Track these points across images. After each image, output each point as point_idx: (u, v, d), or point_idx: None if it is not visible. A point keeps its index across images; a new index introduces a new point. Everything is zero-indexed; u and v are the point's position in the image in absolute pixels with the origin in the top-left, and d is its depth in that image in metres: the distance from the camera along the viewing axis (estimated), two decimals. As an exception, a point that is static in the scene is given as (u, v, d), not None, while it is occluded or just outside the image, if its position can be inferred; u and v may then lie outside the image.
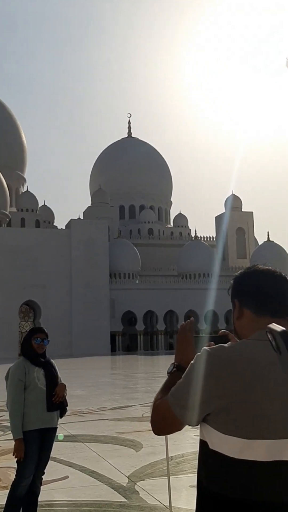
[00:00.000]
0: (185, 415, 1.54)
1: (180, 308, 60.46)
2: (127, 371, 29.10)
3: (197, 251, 65.27)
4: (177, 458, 6.81)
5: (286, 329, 1.54)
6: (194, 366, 1.55)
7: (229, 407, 1.47)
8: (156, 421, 1.64)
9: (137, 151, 79.07)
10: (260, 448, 1.45)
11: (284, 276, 1.70)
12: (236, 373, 1.48)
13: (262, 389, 1.46)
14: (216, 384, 1.49)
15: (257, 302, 1.63)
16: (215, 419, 1.51)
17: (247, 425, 1.46)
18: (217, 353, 1.52)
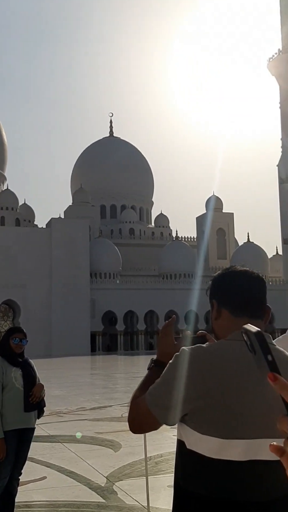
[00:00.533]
0: (163, 414, 1.55)
1: (161, 308, 60.56)
2: (107, 371, 29.05)
3: (178, 251, 65.45)
4: (156, 458, 6.82)
5: (261, 329, 1.56)
6: (172, 366, 1.56)
7: (207, 407, 1.48)
8: (134, 419, 1.64)
9: (118, 150, 78.95)
10: (237, 448, 1.46)
11: (261, 277, 1.71)
12: (213, 373, 1.48)
13: (239, 389, 1.47)
14: (193, 384, 1.49)
15: (235, 303, 1.64)
16: (192, 418, 1.52)
17: (224, 425, 1.46)
18: (194, 353, 1.53)
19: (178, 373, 1.52)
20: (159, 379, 1.58)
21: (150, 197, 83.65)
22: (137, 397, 1.65)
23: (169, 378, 1.54)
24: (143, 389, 1.66)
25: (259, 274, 1.73)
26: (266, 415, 1.43)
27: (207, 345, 1.58)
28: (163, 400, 1.53)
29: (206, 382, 1.48)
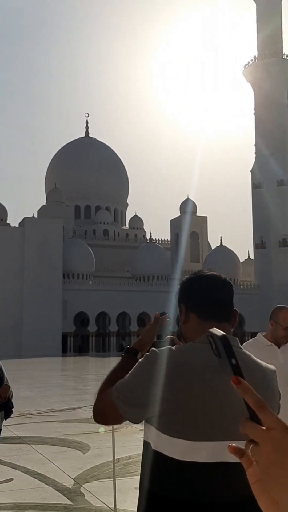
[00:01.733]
0: (127, 411, 1.57)
1: (133, 310, 60.57)
2: (78, 373, 28.88)
3: (152, 253, 65.60)
4: (124, 460, 6.82)
5: (227, 333, 1.60)
6: (141, 365, 1.58)
7: (173, 408, 1.50)
8: (98, 410, 1.66)
9: (94, 151, 78.70)
10: (202, 449, 1.48)
11: (228, 282, 1.75)
12: (180, 375, 1.50)
13: (205, 392, 1.49)
14: (160, 385, 1.51)
15: (202, 306, 1.67)
16: (158, 420, 1.53)
17: (190, 427, 1.48)
18: (164, 354, 1.55)
19: (146, 373, 1.55)
20: (127, 376, 1.60)
21: (125, 199, 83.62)
22: (103, 390, 1.66)
23: (137, 376, 1.57)
24: (111, 379, 1.69)
25: (226, 278, 1.77)
26: (232, 418, 1.45)
27: (176, 347, 1.60)
28: (128, 397, 1.56)
29: (173, 384, 1.50)
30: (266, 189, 61.83)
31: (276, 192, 61.32)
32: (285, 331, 3.78)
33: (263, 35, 64.29)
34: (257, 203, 63.60)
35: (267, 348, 3.85)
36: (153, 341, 1.87)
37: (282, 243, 61.78)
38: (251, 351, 3.97)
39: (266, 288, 61.57)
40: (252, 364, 1.61)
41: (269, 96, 62.37)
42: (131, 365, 1.69)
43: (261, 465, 0.62)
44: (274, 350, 3.84)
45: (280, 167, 61.24)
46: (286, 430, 0.63)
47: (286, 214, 60.82)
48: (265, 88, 62.79)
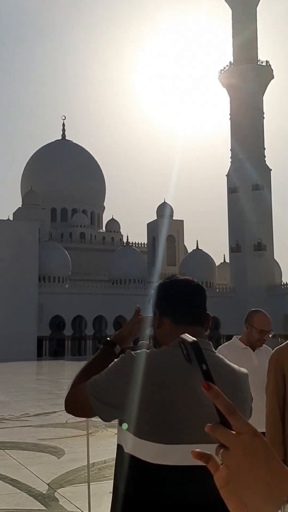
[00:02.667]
0: (99, 408, 1.58)
1: (110, 314, 60.41)
2: (53, 377, 28.64)
3: (129, 257, 65.58)
4: (99, 464, 6.79)
5: (201, 337, 1.62)
6: (116, 366, 1.59)
7: (146, 411, 1.50)
8: (70, 401, 1.67)
9: (71, 154, 78.40)
10: (175, 453, 1.49)
11: (201, 286, 1.76)
12: (154, 379, 1.51)
13: (178, 396, 1.50)
14: (133, 388, 1.52)
15: (176, 311, 1.68)
16: (131, 422, 1.54)
17: (163, 430, 1.49)
18: (138, 357, 1.56)
19: (120, 374, 1.55)
20: (102, 374, 1.60)
21: (101, 202, 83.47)
22: (78, 383, 1.67)
23: (111, 376, 1.57)
24: (87, 371, 1.71)
25: (200, 282, 1.79)
26: (204, 421, 1.45)
27: (151, 351, 1.61)
28: (102, 395, 1.56)
29: (147, 387, 1.51)
30: (242, 194, 62.46)
31: (252, 197, 62.01)
32: (259, 334, 3.83)
33: (239, 41, 65.04)
34: (232, 207, 64.20)
35: (242, 351, 3.89)
36: (132, 336, 1.87)
37: (257, 247, 62.45)
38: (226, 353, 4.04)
39: (241, 291, 62.13)
40: (224, 367, 1.63)
41: (245, 102, 63.10)
42: (108, 358, 1.71)
43: (230, 469, 0.63)
44: (248, 353, 3.88)
45: (256, 171, 61.97)
46: (255, 435, 0.63)
47: (261, 218, 61.54)
48: (240, 93, 63.50)
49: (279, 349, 3.08)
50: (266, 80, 65.39)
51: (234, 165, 64.26)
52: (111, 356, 1.77)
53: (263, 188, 62.57)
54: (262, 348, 3.92)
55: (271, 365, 3.03)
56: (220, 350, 4.07)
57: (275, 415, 2.94)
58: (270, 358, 3.09)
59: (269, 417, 2.96)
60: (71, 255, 64.69)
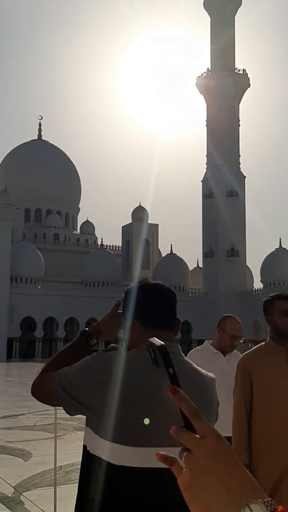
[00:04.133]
0: (64, 400, 1.58)
1: (82, 316, 60.07)
2: (22, 379, 28.30)
3: (102, 259, 65.41)
4: (67, 467, 6.74)
5: (170, 341, 1.63)
6: (87, 364, 1.59)
7: (111, 413, 1.50)
8: (37, 385, 1.68)
9: (46, 154, 77.86)
10: (140, 455, 1.49)
11: (172, 290, 1.77)
12: (121, 381, 1.52)
13: (144, 398, 1.50)
14: (100, 388, 1.52)
15: (146, 315, 1.68)
16: (96, 423, 1.54)
17: (128, 432, 1.49)
18: (109, 358, 1.57)
19: (90, 373, 1.56)
20: (72, 368, 1.60)
21: (76, 203, 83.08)
22: (48, 370, 1.68)
23: (81, 373, 1.57)
24: (59, 360, 1.72)
25: (171, 287, 1.80)
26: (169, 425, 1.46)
27: (120, 353, 1.62)
28: (69, 389, 1.57)
29: (114, 388, 1.51)
30: (216, 199, 63.04)
31: (226, 203, 62.63)
32: (231, 339, 3.87)
33: (216, 48, 65.73)
34: (207, 213, 64.71)
35: (213, 356, 3.92)
36: (110, 329, 1.84)
37: (229, 253, 63.07)
38: (197, 358, 4.06)
39: (213, 296, 62.61)
40: (192, 372, 1.64)
41: (221, 108, 63.75)
42: (82, 349, 1.73)
43: (193, 472, 0.63)
44: (219, 358, 3.92)
45: (231, 178, 62.63)
46: (218, 439, 0.64)
47: (235, 225, 62.18)
48: (217, 100, 64.14)
49: (247, 354, 3.11)
50: (243, 88, 66.24)
51: (210, 171, 64.83)
52: (86, 347, 1.78)
53: (237, 194, 63.27)
54: (232, 353, 3.96)
55: (239, 370, 3.07)
56: (192, 354, 4.10)
57: (242, 419, 2.97)
58: (238, 363, 3.12)
59: (235, 422, 2.99)
60: (44, 256, 64.15)
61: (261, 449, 2.88)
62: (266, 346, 3.03)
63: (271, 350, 2.98)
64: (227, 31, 65.60)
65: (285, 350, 2.95)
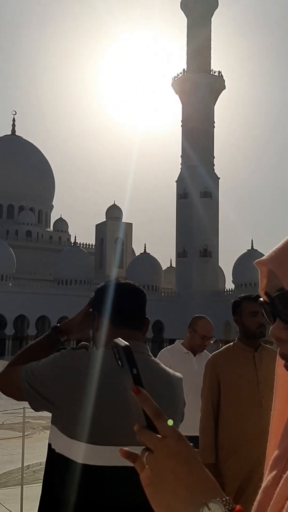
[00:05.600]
0: (30, 395, 1.57)
1: (54, 314, 59.59)
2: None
3: (76, 257, 65.00)
4: (35, 466, 6.69)
5: (136, 341, 1.63)
6: (55, 361, 1.59)
7: (77, 411, 1.50)
8: (3, 378, 1.67)
9: (20, 150, 76.91)
10: (103, 453, 1.49)
11: (142, 290, 1.78)
12: (88, 380, 1.52)
13: (109, 398, 1.51)
14: (67, 386, 1.52)
15: (115, 314, 1.68)
16: (62, 421, 1.54)
17: (92, 430, 1.49)
18: (77, 356, 1.57)
19: (57, 370, 1.56)
20: (40, 364, 1.60)
21: (50, 200, 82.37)
22: (16, 363, 1.67)
23: (48, 370, 1.57)
24: (27, 354, 1.71)
25: (140, 287, 1.80)
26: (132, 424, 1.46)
27: (88, 352, 1.62)
28: (36, 384, 1.56)
29: (80, 387, 1.51)
30: (190, 200, 63.38)
31: (200, 203, 63.01)
32: (202, 339, 3.90)
33: (192, 49, 66.03)
34: (181, 213, 65.00)
35: (184, 356, 3.95)
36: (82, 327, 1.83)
37: (202, 253, 63.51)
38: (168, 357, 4.07)
39: (186, 296, 62.95)
40: (159, 372, 1.65)
41: (196, 109, 64.09)
42: (52, 344, 1.73)
43: (154, 472, 0.64)
44: (190, 358, 3.95)
45: (205, 178, 63.04)
46: (180, 438, 0.65)
47: (208, 225, 62.63)
48: (192, 101, 64.44)
49: (215, 354, 3.14)
50: (218, 90, 66.73)
51: (184, 172, 65.13)
52: (56, 343, 1.77)
53: (211, 195, 63.77)
54: (203, 354, 4.00)
55: (207, 370, 3.09)
56: (163, 353, 4.12)
57: (209, 419, 3.00)
58: (207, 363, 3.15)
59: (203, 421, 3.02)
60: (16, 253, 63.39)
61: (228, 449, 2.91)
62: (234, 346, 3.06)
63: (239, 350, 3.01)
64: (203, 32, 65.94)
65: (253, 350, 2.99)
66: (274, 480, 0.68)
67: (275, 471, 0.69)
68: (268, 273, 0.69)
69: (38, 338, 1.85)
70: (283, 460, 0.69)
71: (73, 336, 1.84)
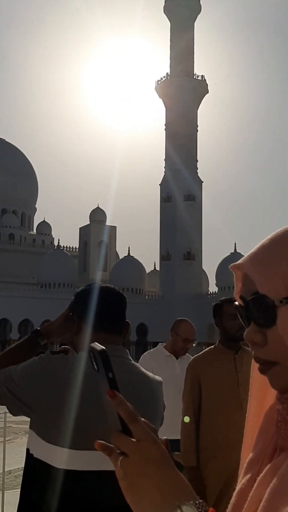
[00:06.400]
0: (8, 400, 1.56)
1: (37, 317, 59.13)
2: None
3: (59, 260, 64.68)
4: (16, 471, 6.63)
5: (110, 347, 1.63)
6: (34, 365, 1.58)
7: (55, 416, 1.50)
8: None
9: (3, 152, 76.39)
10: (81, 458, 1.49)
11: (122, 294, 1.78)
12: (67, 384, 1.51)
13: (88, 402, 1.50)
14: (45, 391, 1.52)
15: (94, 318, 1.68)
16: (39, 425, 1.54)
17: (70, 435, 1.48)
18: (56, 361, 1.57)
19: (36, 374, 1.55)
20: (19, 368, 1.59)
21: (33, 203, 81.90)
22: None
23: (27, 374, 1.56)
24: (6, 357, 1.70)
25: (120, 291, 1.80)
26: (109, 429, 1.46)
27: (67, 356, 1.62)
28: (15, 389, 1.55)
29: (59, 392, 1.51)
30: (174, 203, 63.55)
31: (183, 206, 63.22)
32: (184, 342, 3.91)
33: (175, 53, 66.31)
34: (164, 216, 65.14)
35: (166, 359, 3.96)
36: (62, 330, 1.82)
37: (186, 256, 63.70)
38: (151, 360, 4.07)
39: (169, 299, 63.03)
40: (138, 375, 1.65)
41: (180, 113, 64.35)
42: (32, 348, 1.72)
43: (128, 475, 0.65)
44: (172, 361, 3.96)
45: (188, 182, 63.30)
46: (154, 442, 0.65)
47: (192, 229, 62.86)
48: (176, 105, 64.70)
49: (196, 357, 3.15)
50: (201, 94, 67.10)
51: (168, 175, 65.32)
52: (35, 346, 1.77)
53: (195, 198, 64.03)
54: (185, 357, 4.01)
55: (188, 372, 3.10)
56: (145, 357, 4.12)
57: (190, 422, 3.00)
58: (188, 366, 3.16)
59: (184, 424, 3.02)
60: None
61: (209, 452, 2.92)
62: (215, 349, 3.08)
63: (220, 353, 3.03)
64: (186, 37, 66.31)
65: (234, 353, 3.01)
66: (248, 483, 0.68)
67: (250, 474, 0.69)
68: (243, 277, 0.70)
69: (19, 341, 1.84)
70: (258, 462, 0.69)
71: (53, 339, 1.84)
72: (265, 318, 0.66)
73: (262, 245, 0.69)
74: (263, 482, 0.64)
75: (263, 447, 0.71)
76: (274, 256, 0.67)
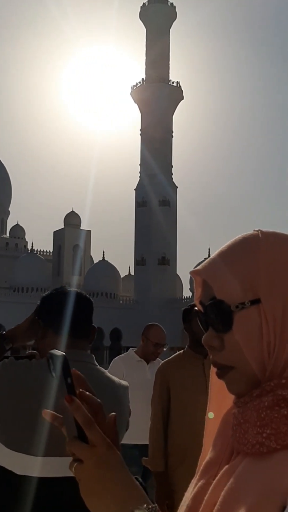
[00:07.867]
0: None
1: (10, 322, 58.22)
2: None
3: (33, 264, 64.08)
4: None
5: (72, 352, 1.62)
6: None
7: (15, 422, 1.49)
8: None
9: (-23, 155, 75.50)
10: (41, 464, 1.48)
11: (89, 298, 1.77)
12: (26, 390, 1.50)
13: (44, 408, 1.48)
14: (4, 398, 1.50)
15: (60, 323, 1.67)
16: (1, 433, 1.51)
17: (30, 441, 1.47)
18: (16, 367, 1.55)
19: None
20: None
21: (6, 206, 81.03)
22: None
23: None
24: None
25: (87, 295, 1.79)
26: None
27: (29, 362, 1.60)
28: None
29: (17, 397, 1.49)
30: (149, 208, 63.73)
31: (158, 211, 63.44)
32: (154, 347, 3.92)
33: (151, 59, 66.67)
34: (139, 221, 65.23)
35: (137, 364, 3.96)
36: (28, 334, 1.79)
37: (161, 261, 63.87)
38: (121, 365, 4.06)
39: (144, 303, 63.06)
40: (104, 380, 1.64)
41: (155, 119, 64.66)
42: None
43: (83, 481, 0.65)
44: (143, 366, 3.95)
45: (164, 187, 63.57)
46: (109, 447, 0.66)
47: (166, 234, 63.11)
48: (151, 110, 65.00)
49: (165, 362, 3.16)
50: (176, 100, 67.58)
51: (143, 180, 65.49)
52: (0, 351, 1.74)
53: (170, 204, 64.33)
54: (155, 362, 4.01)
55: (157, 377, 3.11)
56: (116, 362, 4.11)
57: (159, 427, 3.00)
58: (157, 370, 3.17)
59: (152, 429, 3.02)
60: None
61: (177, 457, 2.92)
62: (184, 354, 3.09)
63: (189, 358, 3.04)
64: (162, 43, 66.73)
65: (202, 358, 3.02)
66: (205, 486, 0.68)
67: (206, 477, 0.70)
68: (203, 283, 0.71)
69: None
70: (215, 465, 0.70)
71: (18, 343, 1.81)
72: (222, 323, 0.67)
73: (220, 252, 0.70)
74: (219, 485, 0.64)
75: (221, 451, 0.71)
76: (230, 262, 0.67)
